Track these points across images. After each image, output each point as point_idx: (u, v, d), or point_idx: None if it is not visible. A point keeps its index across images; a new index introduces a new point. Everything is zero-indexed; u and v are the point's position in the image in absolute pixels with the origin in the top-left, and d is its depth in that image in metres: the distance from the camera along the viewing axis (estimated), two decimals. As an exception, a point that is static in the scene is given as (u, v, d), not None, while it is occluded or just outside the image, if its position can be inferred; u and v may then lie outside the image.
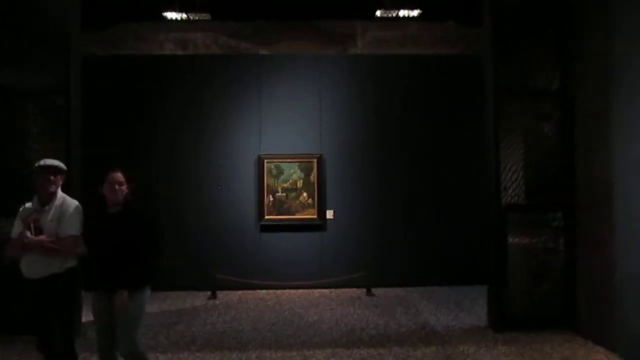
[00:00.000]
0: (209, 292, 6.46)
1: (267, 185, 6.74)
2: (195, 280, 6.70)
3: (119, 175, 3.25)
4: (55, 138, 4.83)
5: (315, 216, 6.78)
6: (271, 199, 6.75)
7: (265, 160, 6.74)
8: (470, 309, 5.76)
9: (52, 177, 3.28)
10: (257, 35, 7.30)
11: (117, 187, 3.22)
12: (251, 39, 7.29)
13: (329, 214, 6.86)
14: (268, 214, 6.74)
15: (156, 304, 6.02)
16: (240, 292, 6.63)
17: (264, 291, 6.66)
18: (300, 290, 6.68)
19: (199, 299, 6.32)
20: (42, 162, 3.29)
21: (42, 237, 3.16)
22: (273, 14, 6.99)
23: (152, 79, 6.82)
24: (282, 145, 6.82)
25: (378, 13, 6.90)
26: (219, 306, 5.95)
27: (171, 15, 6.79)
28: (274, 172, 6.75)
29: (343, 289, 6.72)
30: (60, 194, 3.32)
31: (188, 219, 6.74)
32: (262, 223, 6.74)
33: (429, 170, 6.93)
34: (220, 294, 6.49)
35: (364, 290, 6.61)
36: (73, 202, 3.34)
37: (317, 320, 5.32)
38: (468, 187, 6.87)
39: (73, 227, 3.23)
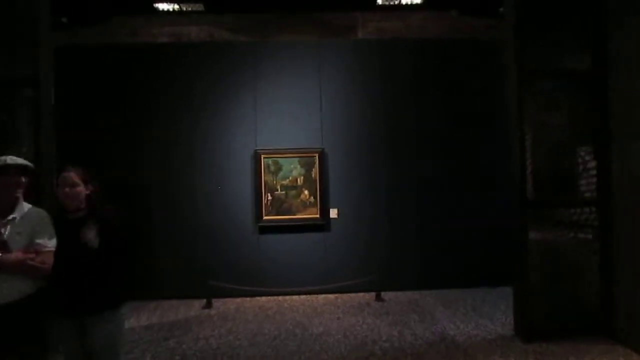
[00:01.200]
0: (204, 301, 5.91)
1: (265, 183, 6.18)
2: (188, 288, 6.16)
3: (70, 176, 2.69)
4: (24, 133, 4.28)
5: (317, 216, 6.23)
6: (269, 197, 6.20)
7: (263, 156, 6.18)
8: (491, 314, 5.22)
9: (22, 179, 2.67)
10: (255, 29, 6.79)
11: (67, 190, 2.66)
12: (248, 32, 6.76)
13: (333, 213, 6.30)
14: (266, 214, 6.19)
15: (145, 316, 5.48)
16: (238, 299, 6.08)
17: (263, 298, 6.11)
18: (303, 297, 6.13)
19: (192, 308, 5.76)
20: (7, 160, 2.63)
21: (20, 254, 2.53)
22: (271, 6, 6.48)
23: (139, 70, 6.26)
24: (281, 139, 6.26)
25: (379, 1, 6.43)
26: (214, 317, 5.41)
27: (163, 6, 6.46)
28: (272, 168, 6.20)
29: (350, 294, 6.17)
30: (22, 200, 2.73)
31: (180, 221, 6.19)
32: (260, 224, 6.19)
33: (441, 164, 6.37)
34: (217, 302, 5.94)
35: (373, 295, 6.06)
36: (40, 211, 2.75)
37: (323, 332, 4.77)
38: (485, 181, 6.35)
39: (51, 240, 2.63)
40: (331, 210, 6.29)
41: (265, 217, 6.18)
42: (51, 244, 2.61)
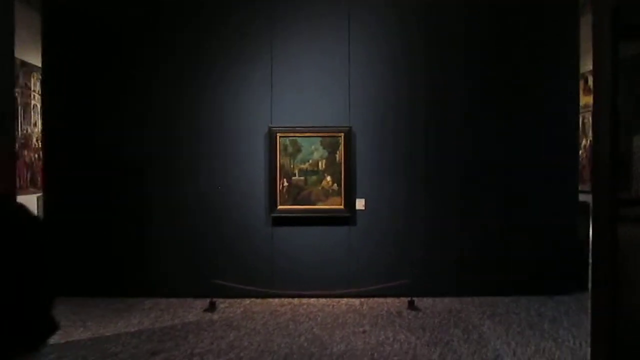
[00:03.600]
0: (208, 301, 5.08)
1: (281, 167, 5.27)
2: (189, 286, 5.34)
3: None
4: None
5: (341, 206, 5.30)
6: (285, 184, 5.29)
7: (278, 134, 5.26)
8: (554, 334, 4.22)
9: None
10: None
11: None
12: None
13: (360, 204, 5.37)
14: (282, 204, 5.29)
15: (136, 318, 4.67)
16: (246, 300, 5.25)
17: (275, 300, 5.25)
18: (322, 301, 5.23)
19: (192, 311, 4.93)
20: None
21: None
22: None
23: (134, 29, 5.38)
24: (300, 115, 5.33)
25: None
26: (216, 323, 4.56)
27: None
28: (290, 149, 5.28)
29: (377, 299, 5.26)
30: None
31: (181, 209, 5.34)
32: (274, 214, 5.29)
33: (492, 149, 5.36)
34: (222, 304, 5.12)
35: (404, 301, 5.14)
36: None
37: (345, 352, 3.85)
38: (545, 170, 5.33)
39: None
40: (358, 200, 5.36)
41: (280, 207, 5.28)
42: None
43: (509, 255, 5.38)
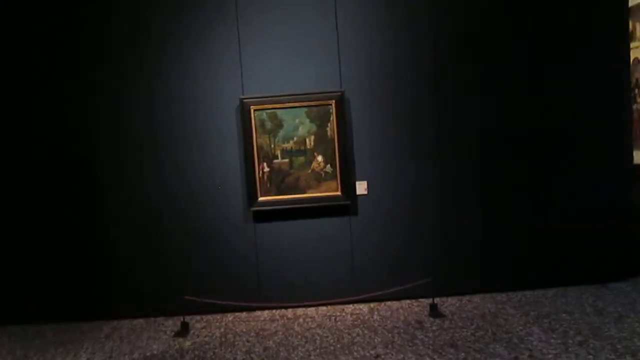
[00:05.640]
0: (180, 322, 4.06)
1: (259, 148, 4.19)
2: (158, 303, 4.32)
3: None
4: None
5: (338, 192, 4.23)
6: (266, 169, 4.21)
7: (253, 107, 4.15)
8: (629, 344, 3.18)
9: None
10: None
11: None
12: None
13: (361, 188, 4.29)
14: (263, 194, 4.21)
15: (87, 353, 3.65)
16: (228, 317, 4.23)
17: (265, 314, 4.23)
18: (321, 312, 4.21)
19: (159, 337, 3.91)
20: None
21: None
22: None
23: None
24: (278, 81, 4.21)
25: None
26: (186, 356, 3.52)
27: None
28: (268, 125, 4.19)
29: (390, 303, 4.25)
30: None
31: (141, 208, 4.27)
32: (255, 208, 4.22)
33: (521, 108, 4.26)
34: (198, 323, 4.11)
35: (425, 304, 4.12)
36: None
37: (355, 394, 2.84)
38: (593, 129, 4.27)
39: None
40: (358, 183, 4.28)
41: (261, 198, 4.21)
42: None
43: (548, 236, 4.35)
